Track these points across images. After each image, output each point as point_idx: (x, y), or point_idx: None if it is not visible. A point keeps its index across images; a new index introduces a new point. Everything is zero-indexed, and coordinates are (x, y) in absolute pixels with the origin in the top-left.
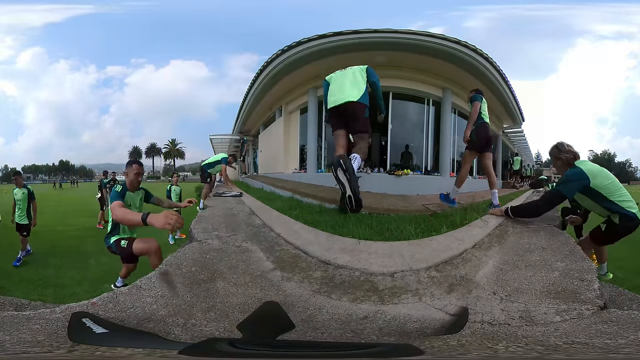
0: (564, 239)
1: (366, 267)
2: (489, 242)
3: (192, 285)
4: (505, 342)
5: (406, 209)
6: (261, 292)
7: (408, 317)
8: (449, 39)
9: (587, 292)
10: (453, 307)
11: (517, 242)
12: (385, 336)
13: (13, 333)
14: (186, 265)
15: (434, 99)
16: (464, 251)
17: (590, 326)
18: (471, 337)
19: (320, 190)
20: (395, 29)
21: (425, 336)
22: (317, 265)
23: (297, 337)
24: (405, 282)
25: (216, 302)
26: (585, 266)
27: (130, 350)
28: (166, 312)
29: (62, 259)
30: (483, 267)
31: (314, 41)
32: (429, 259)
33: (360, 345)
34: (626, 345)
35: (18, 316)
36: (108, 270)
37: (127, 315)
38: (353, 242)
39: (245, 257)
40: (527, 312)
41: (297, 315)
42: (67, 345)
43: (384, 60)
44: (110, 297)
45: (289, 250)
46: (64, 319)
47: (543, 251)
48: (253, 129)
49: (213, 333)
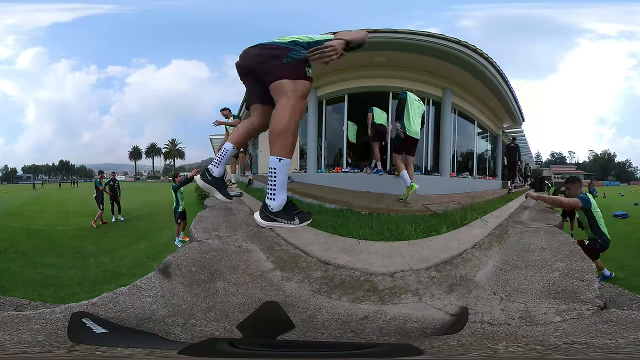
0: (564, 239)
1: (366, 267)
2: (489, 242)
3: (192, 285)
4: (505, 342)
5: (406, 209)
6: (261, 292)
7: (408, 317)
8: (449, 39)
9: (587, 292)
10: (453, 307)
11: (517, 242)
12: (385, 336)
13: (13, 333)
14: (186, 265)
15: (434, 99)
16: (464, 251)
17: (590, 326)
18: (471, 337)
19: (320, 190)
20: (395, 29)
21: (425, 336)
22: (317, 265)
23: (297, 337)
24: (405, 282)
25: (216, 302)
26: (585, 266)
27: (130, 350)
28: (166, 312)
29: (62, 258)
30: (483, 267)
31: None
32: (429, 259)
33: (360, 345)
34: (626, 345)
35: (18, 316)
36: (108, 270)
37: (127, 315)
38: (353, 242)
39: (245, 257)
40: (527, 312)
41: (297, 315)
42: (67, 345)
43: (384, 60)
44: (110, 297)
45: (289, 250)
46: (64, 319)
47: (543, 251)
48: None
49: (213, 333)
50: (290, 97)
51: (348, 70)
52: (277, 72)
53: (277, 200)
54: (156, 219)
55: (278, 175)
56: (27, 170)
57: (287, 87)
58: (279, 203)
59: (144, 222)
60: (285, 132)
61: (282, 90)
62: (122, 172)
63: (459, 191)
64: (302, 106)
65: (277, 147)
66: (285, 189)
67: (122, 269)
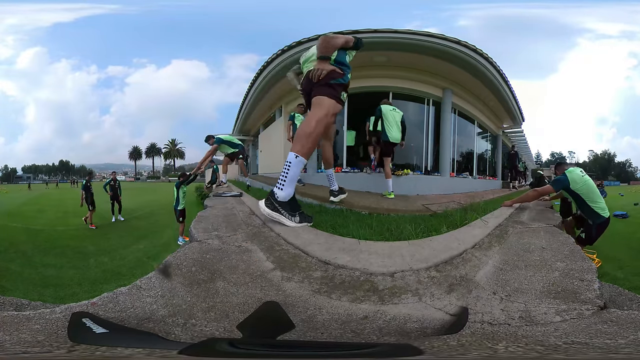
0: (564, 239)
1: (366, 267)
2: (489, 242)
3: (192, 285)
4: (505, 342)
5: (406, 209)
6: (261, 292)
7: (408, 317)
8: (449, 38)
9: (587, 292)
10: (453, 307)
11: (517, 242)
12: (385, 336)
13: (13, 333)
14: (186, 265)
15: (434, 99)
16: (464, 251)
17: (590, 326)
18: (471, 337)
19: (320, 190)
20: (395, 29)
21: (425, 336)
22: (317, 265)
23: (297, 337)
24: (405, 282)
25: (216, 302)
26: (585, 266)
27: (130, 350)
28: (166, 312)
29: (62, 258)
30: (483, 267)
31: (314, 41)
32: (429, 259)
33: (360, 345)
34: (626, 345)
35: (18, 316)
36: (108, 270)
37: (127, 315)
38: (353, 242)
39: (245, 257)
40: (527, 312)
41: (297, 315)
42: (67, 345)
43: (384, 60)
44: (110, 297)
45: (289, 250)
46: (64, 319)
47: (543, 251)
48: (253, 129)
49: (213, 333)
50: (321, 110)
51: None
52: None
53: (284, 191)
54: (156, 219)
55: (291, 169)
56: (27, 170)
57: (322, 102)
58: (286, 194)
59: (144, 222)
60: (308, 136)
61: (318, 103)
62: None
63: (459, 191)
64: (329, 121)
65: (297, 146)
66: (294, 185)
67: (122, 269)
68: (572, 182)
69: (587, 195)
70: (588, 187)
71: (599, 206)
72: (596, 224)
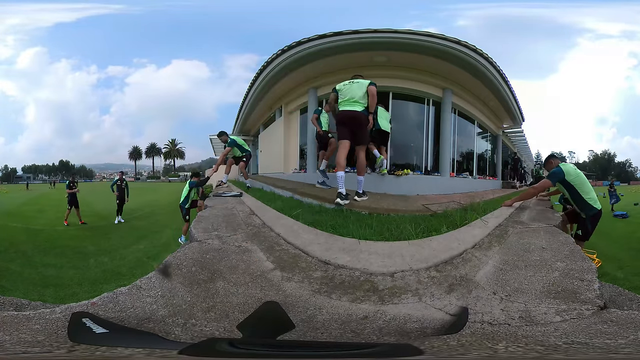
0: (564, 239)
1: (366, 267)
2: (489, 242)
3: (192, 285)
4: (505, 342)
5: (406, 209)
6: (261, 292)
7: (408, 317)
8: (449, 38)
9: (587, 292)
10: (453, 307)
11: (517, 242)
12: (385, 336)
13: (13, 333)
14: (186, 265)
15: (434, 99)
16: (464, 251)
17: (590, 326)
18: (471, 337)
19: (320, 190)
20: (395, 29)
21: (425, 336)
22: (317, 265)
23: (297, 337)
24: (405, 282)
25: (216, 302)
26: (585, 266)
27: (130, 350)
28: (166, 312)
29: (62, 258)
30: (483, 267)
31: (313, 41)
32: (429, 259)
33: (360, 345)
34: (626, 345)
35: (18, 316)
36: (108, 270)
37: (127, 315)
38: (353, 242)
39: (245, 257)
40: (527, 312)
41: (297, 315)
42: (67, 345)
43: (384, 60)
44: (110, 297)
45: (289, 250)
46: (64, 319)
47: (543, 251)
48: (253, 129)
49: (213, 333)
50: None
51: (347, 71)
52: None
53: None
54: (156, 219)
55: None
56: (27, 170)
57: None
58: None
59: (144, 222)
60: (363, 167)
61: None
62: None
63: (459, 191)
64: None
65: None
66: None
67: (122, 269)
68: (567, 173)
69: (580, 186)
70: (581, 179)
71: (591, 198)
72: (589, 216)
